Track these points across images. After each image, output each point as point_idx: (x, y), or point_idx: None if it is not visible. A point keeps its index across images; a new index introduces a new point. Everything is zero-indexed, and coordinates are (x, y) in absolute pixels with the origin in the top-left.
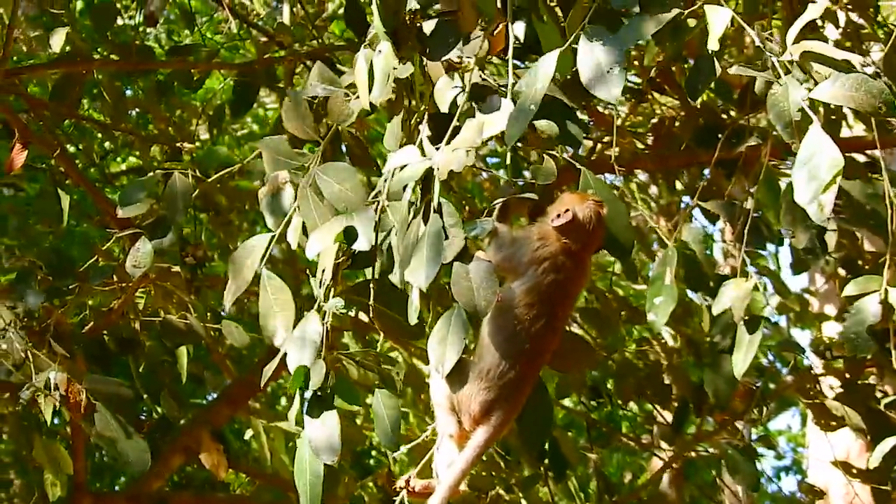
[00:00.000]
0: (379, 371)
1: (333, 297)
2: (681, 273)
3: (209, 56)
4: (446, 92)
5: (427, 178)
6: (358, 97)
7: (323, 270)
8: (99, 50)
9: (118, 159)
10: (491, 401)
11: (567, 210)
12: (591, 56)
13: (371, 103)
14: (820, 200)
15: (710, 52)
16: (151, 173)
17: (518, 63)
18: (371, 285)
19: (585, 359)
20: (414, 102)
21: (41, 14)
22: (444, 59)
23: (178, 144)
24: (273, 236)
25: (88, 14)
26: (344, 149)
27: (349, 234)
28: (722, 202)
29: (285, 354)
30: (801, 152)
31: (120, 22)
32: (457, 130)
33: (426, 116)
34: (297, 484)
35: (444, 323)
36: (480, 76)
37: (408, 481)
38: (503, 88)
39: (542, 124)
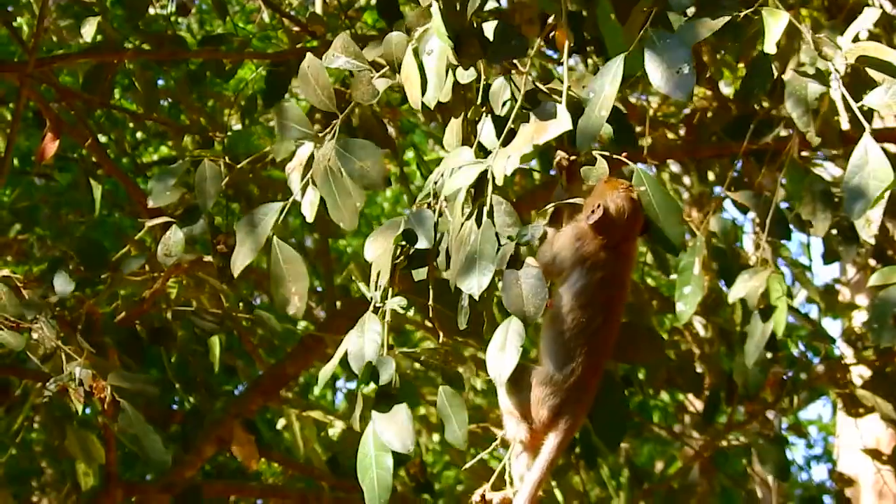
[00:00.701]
0: (444, 369)
1: (392, 297)
2: (712, 264)
3: (241, 46)
4: (501, 94)
5: (480, 181)
6: (383, 77)
7: (378, 273)
8: (130, 39)
9: (150, 149)
10: (559, 405)
11: (598, 205)
12: (660, 58)
13: (424, 103)
14: (868, 217)
15: (766, 54)
16: (180, 162)
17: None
18: (429, 285)
19: (651, 346)
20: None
21: (72, 3)
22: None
23: (210, 134)
24: (285, 205)
25: (120, 3)
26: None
27: (409, 236)
28: (749, 193)
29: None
30: (850, 163)
31: (152, 11)
32: (511, 133)
33: (483, 118)
34: (363, 480)
35: (501, 331)
36: (533, 80)
37: (483, 496)
38: (556, 94)
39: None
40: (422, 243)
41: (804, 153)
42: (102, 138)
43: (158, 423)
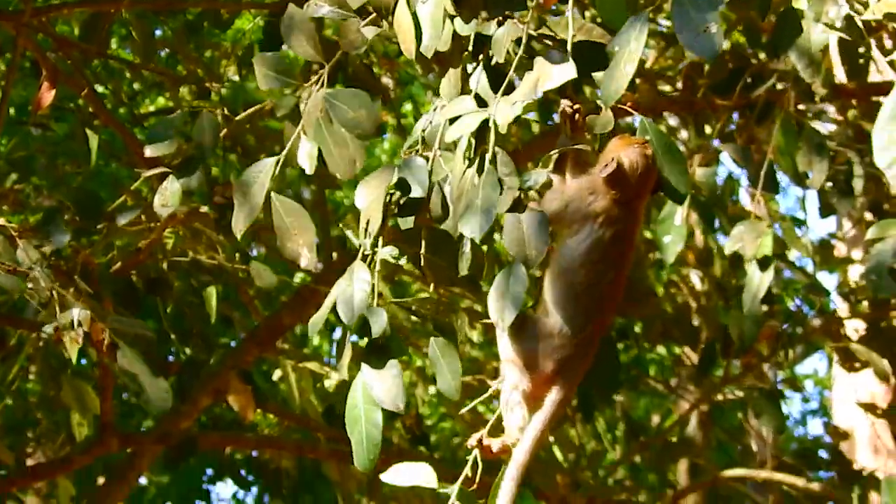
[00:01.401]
0: (436, 319)
1: (383, 245)
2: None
3: None
4: (504, 43)
5: (481, 130)
6: (371, 24)
7: (368, 220)
8: None
9: (147, 100)
10: (565, 359)
11: (612, 159)
12: (688, 15)
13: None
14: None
15: (794, 8)
16: (178, 112)
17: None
18: (421, 235)
19: (646, 302)
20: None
21: None
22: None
23: (207, 85)
24: (278, 159)
25: None
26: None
27: (402, 185)
28: (737, 146)
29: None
30: (882, 113)
31: None
32: (509, 82)
33: (478, 68)
34: (352, 433)
35: (503, 277)
36: (535, 29)
37: (480, 440)
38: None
39: (601, 76)
40: (416, 192)
41: (800, 106)
42: (99, 88)
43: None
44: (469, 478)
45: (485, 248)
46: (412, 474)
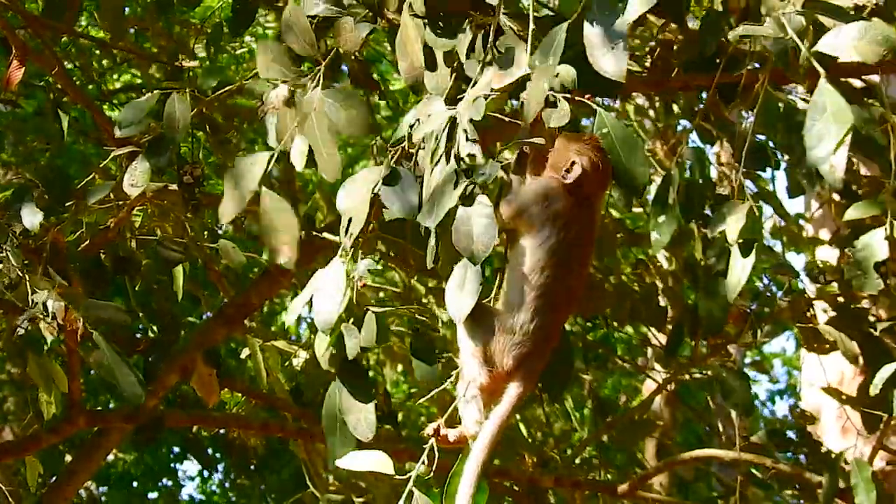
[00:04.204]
0: (413, 322)
1: (363, 255)
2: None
3: None
4: (465, 43)
5: (452, 126)
6: (364, 21)
7: (350, 220)
8: None
9: (116, 76)
10: (525, 354)
11: (573, 163)
12: (597, 37)
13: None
14: (832, 162)
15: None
16: (150, 93)
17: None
18: (406, 225)
19: (605, 297)
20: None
21: None
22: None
23: (176, 62)
24: (273, 154)
25: None
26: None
27: (389, 199)
28: (722, 123)
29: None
30: (810, 110)
31: None
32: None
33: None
34: (330, 434)
35: (460, 269)
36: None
37: (437, 430)
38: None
39: (561, 70)
40: (400, 211)
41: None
42: (69, 65)
43: (122, 352)
44: (426, 465)
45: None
46: (369, 461)
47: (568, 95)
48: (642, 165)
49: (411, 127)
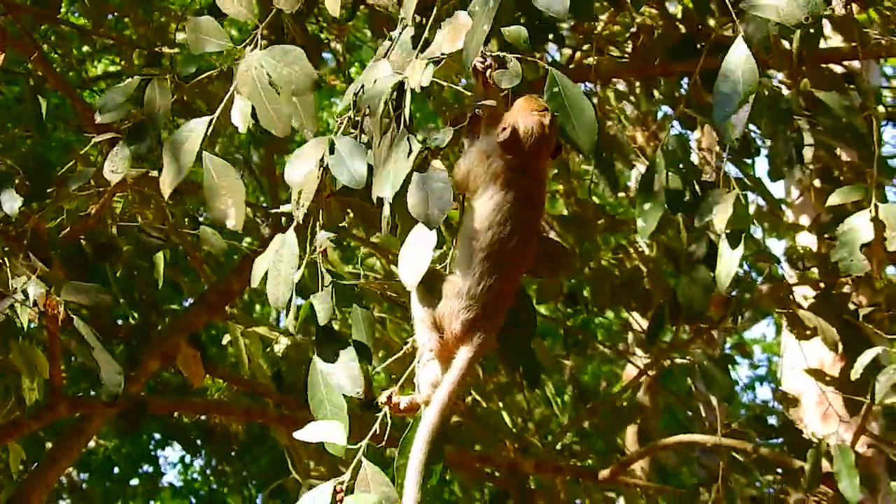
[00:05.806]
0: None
1: (321, 225)
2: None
3: None
4: (412, 3)
5: (399, 93)
6: None
7: (300, 192)
8: None
9: (96, 63)
10: (473, 319)
11: (509, 124)
12: None
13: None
14: (731, 122)
15: None
16: (130, 80)
17: None
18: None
19: (564, 263)
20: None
21: None
22: None
23: (156, 49)
24: (212, 119)
25: None
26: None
27: (338, 170)
28: (704, 109)
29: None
30: (723, 69)
31: None
32: (428, 42)
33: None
34: (317, 415)
35: (412, 237)
36: None
37: (390, 397)
38: None
39: (510, 31)
40: (348, 181)
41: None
42: (49, 52)
43: (103, 338)
44: (378, 434)
45: None
46: (323, 432)
47: (519, 55)
48: (590, 129)
49: (355, 94)
